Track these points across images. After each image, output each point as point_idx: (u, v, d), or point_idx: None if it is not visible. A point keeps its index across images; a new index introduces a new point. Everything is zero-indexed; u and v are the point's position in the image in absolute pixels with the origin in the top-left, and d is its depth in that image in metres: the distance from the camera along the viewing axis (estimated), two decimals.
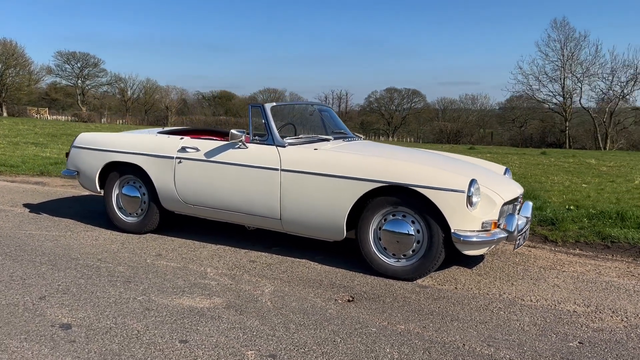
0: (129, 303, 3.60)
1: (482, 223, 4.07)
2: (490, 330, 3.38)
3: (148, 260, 4.59)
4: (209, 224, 5.82)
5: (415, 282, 4.25)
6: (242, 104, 64.50)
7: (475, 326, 3.43)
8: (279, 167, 4.59)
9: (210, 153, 4.91)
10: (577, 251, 5.50)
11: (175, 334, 3.15)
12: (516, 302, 3.88)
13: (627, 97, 37.51)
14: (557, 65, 39.14)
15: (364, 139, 5.57)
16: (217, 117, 50.81)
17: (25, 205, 6.67)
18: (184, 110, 61.29)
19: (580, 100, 39.12)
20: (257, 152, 4.74)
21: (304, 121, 5.58)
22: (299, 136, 5.02)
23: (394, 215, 4.29)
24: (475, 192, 4.06)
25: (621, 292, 4.15)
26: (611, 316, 3.66)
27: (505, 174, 5.22)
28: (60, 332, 3.11)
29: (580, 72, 38.65)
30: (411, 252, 4.24)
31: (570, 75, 38.76)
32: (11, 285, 3.85)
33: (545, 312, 3.69)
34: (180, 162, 5.03)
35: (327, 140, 5.07)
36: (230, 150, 4.84)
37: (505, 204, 4.32)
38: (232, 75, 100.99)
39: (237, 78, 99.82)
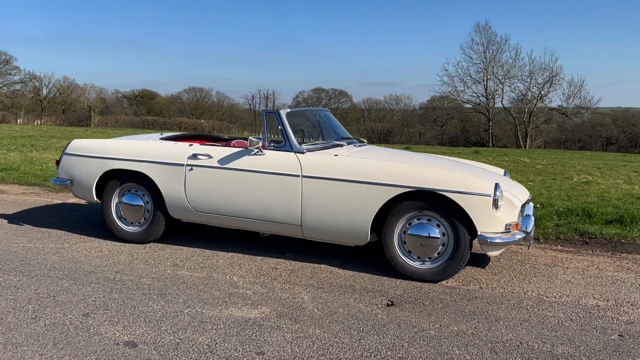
0: (180, 316, 3.52)
1: (506, 225, 4.27)
2: (535, 327, 3.57)
3: (168, 271, 4.48)
4: (210, 231, 5.73)
5: (440, 283, 4.39)
6: (165, 103, 62.86)
7: (521, 324, 3.61)
8: (299, 174, 4.61)
9: (225, 160, 4.84)
10: (560, 247, 5.84)
11: (246, 346, 3.13)
12: (542, 299, 4.11)
13: (544, 98, 39.84)
14: (480, 68, 40.98)
15: (367, 144, 5.67)
16: (143, 117, 49.18)
17: (0, 216, 6.29)
18: (104, 109, 58.96)
19: (502, 101, 41.14)
20: (275, 159, 4.73)
21: (306, 126, 5.59)
22: (315, 142, 5.05)
23: (418, 219, 4.41)
24: (500, 195, 4.26)
25: (628, 285, 4.48)
26: (632, 309, 3.95)
27: (504, 176, 5.46)
28: (130, 351, 3.01)
29: (502, 74, 40.67)
30: (436, 255, 4.39)
31: (492, 77, 40.67)
32: (44, 303, 3.67)
33: (573, 308, 3.94)
34: (191, 169, 4.93)
35: (340, 145, 5.13)
36: (246, 157, 4.80)
37: (522, 205, 4.56)
38: (152, 73, 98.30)
39: (158, 76, 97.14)
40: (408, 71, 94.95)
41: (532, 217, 4.57)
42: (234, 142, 5.75)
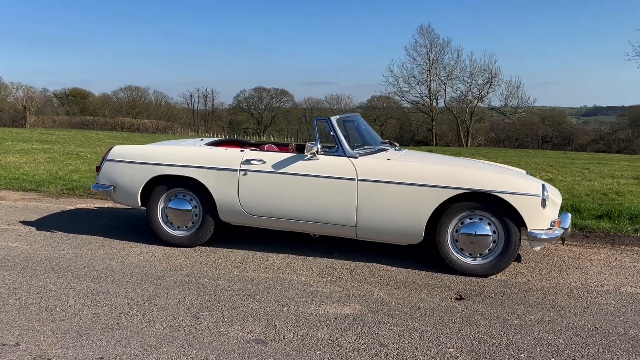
0: (283, 315, 3.71)
1: (551, 222, 4.69)
2: (598, 313, 3.98)
3: (235, 273, 4.64)
4: (255, 234, 5.88)
5: (492, 278, 4.76)
6: (99, 102, 60.98)
7: (584, 311, 4.02)
8: (355, 177, 4.86)
9: (279, 165, 5.03)
10: (565, 241, 6.35)
11: (365, 339, 3.37)
12: (588, 289, 4.55)
13: (484, 98, 41.57)
14: (424, 69, 42.21)
15: (400, 147, 5.97)
16: (82, 117, 47.48)
17: (24, 223, 6.19)
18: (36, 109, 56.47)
19: (444, 101, 42.58)
20: (330, 163, 4.96)
21: (346, 131, 5.82)
22: (364, 147, 5.31)
23: (470, 219, 4.77)
24: (547, 195, 4.67)
25: None
26: None
27: (527, 175, 5.90)
28: (265, 348, 3.19)
29: (444, 75, 42.08)
30: (487, 251, 4.75)
31: (435, 78, 42.02)
32: (146, 307, 3.77)
33: (619, 295, 4.39)
34: (245, 174, 5.08)
35: (385, 150, 5.42)
36: (300, 162, 5.01)
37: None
38: (82, 71, 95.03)
39: (88, 74, 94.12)
40: (347, 71, 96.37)
41: (569, 215, 5.02)
42: (265, 147, 5.94)
